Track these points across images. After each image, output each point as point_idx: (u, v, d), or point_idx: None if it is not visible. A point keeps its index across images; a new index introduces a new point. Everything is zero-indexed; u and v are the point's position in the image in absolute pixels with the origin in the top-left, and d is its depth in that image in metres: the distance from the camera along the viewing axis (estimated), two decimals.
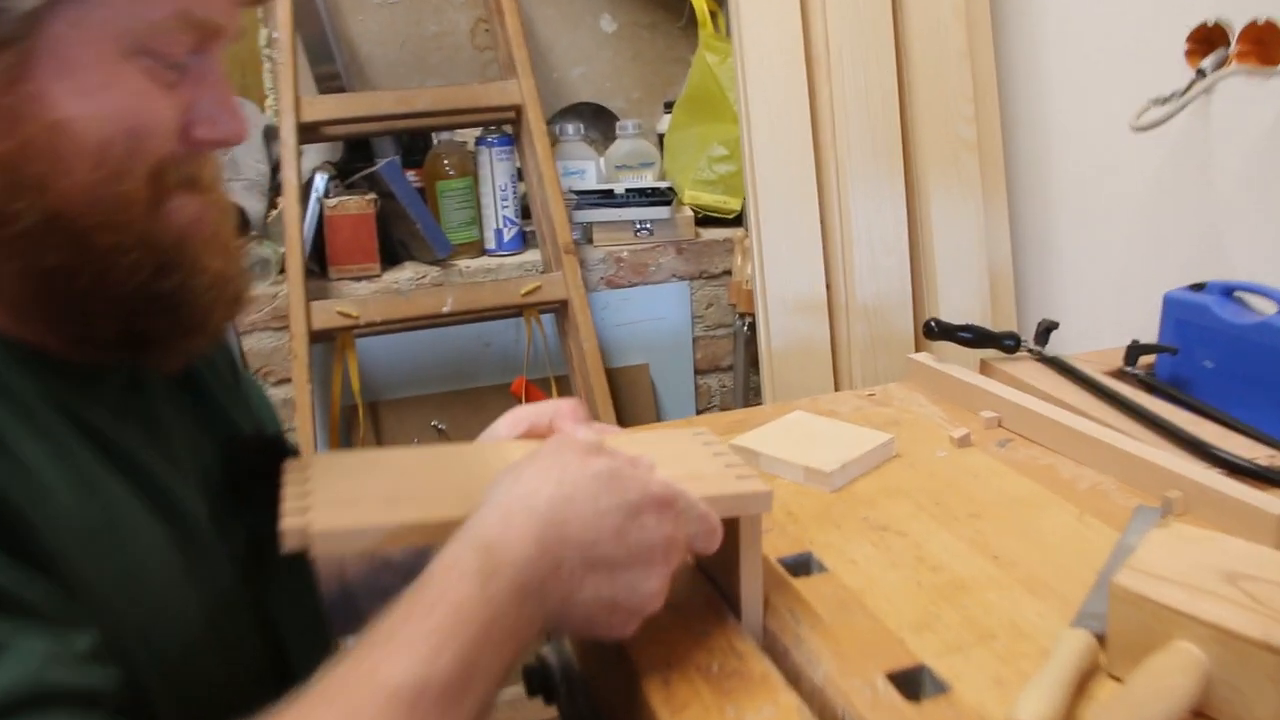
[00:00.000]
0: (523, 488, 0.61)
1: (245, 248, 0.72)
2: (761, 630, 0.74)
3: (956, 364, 1.15)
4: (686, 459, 0.74)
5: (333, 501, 0.65)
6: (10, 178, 0.56)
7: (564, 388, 2.02)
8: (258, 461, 0.74)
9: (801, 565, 0.81)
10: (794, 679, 0.68)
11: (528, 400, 2.02)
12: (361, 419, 1.92)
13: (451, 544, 0.59)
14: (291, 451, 0.78)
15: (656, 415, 2.14)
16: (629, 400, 2.07)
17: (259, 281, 1.96)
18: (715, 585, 0.76)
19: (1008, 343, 1.14)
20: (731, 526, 0.71)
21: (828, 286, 1.62)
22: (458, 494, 0.66)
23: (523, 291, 1.85)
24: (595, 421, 0.80)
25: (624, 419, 2.07)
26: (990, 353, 1.17)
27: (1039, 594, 0.74)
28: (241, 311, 0.67)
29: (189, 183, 0.63)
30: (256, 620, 0.72)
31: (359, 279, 1.93)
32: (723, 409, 2.21)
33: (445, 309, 1.82)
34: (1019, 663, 0.67)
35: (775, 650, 0.72)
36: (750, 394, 1.99)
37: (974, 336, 1.15)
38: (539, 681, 0.91)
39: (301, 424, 1.72)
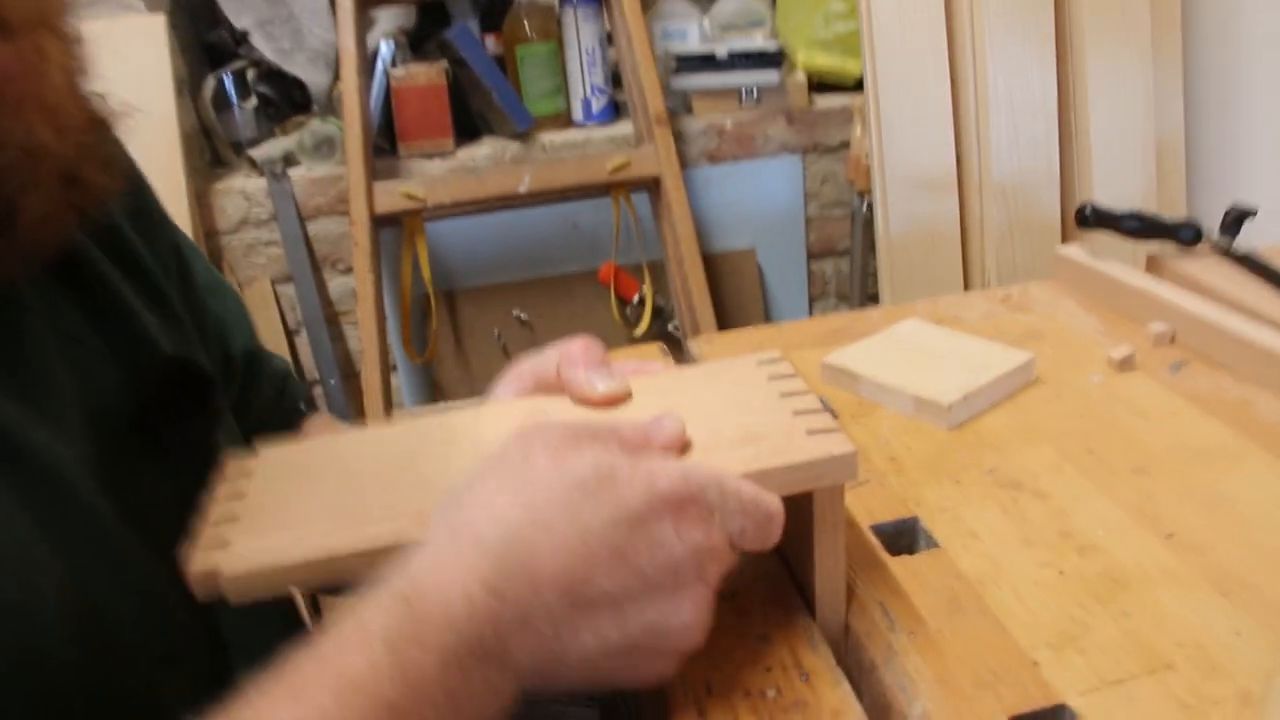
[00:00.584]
0: (470, 510, 0.44)
1: (103, 113, 0.51)
2: (842, 632, 0.55)
3: (1117, 261, 0.92)
4: (740, 408, 0.55)
5: (266, 521, 0.49)
6: None
7: (657, 274, 1.82)
8: (174, 396, 0.58)
9: (904, 537, 0.61)
10: (880, 711, 0.49)
11: (617, 289, 1.83)
12: (434, 309, 1.77)
13: (371, 589, 0.41)
14: (210, 381, 0.62)
15: (763, 304, 1.93)
16: (732, 289, 1.87)
17: (324, 162, 1.80)
18: (784, 563, 0.58)
19: (1185, 234, 0.90)
20: (803, 499, 0.52)
21: (958, 161, 1.38)
22: (421, 500, 0.49)
23: (609, 168, 1.65)
24: (620, 360, 0.61)
25: (726, 309, 1.87)
26: (1161, 247, 0.93)
27: (1235, 597, 0.53)
28: (93, 200, 0.50)
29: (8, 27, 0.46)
30: (179, 600, 0.56)
31: (431, 156, 1.76)
32: (839, 297, 1.99)
33: (522, 189, 1.63)
34: (1209, 713, 0.46)
35: (859, 664, 0.53)
36: (869, 280, 1.77)
37: (1141, 226, 0.91)
38: None
39: (363, 317, 1.57)
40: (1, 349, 0.51)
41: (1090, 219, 0.89)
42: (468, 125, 1.83)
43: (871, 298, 1.80)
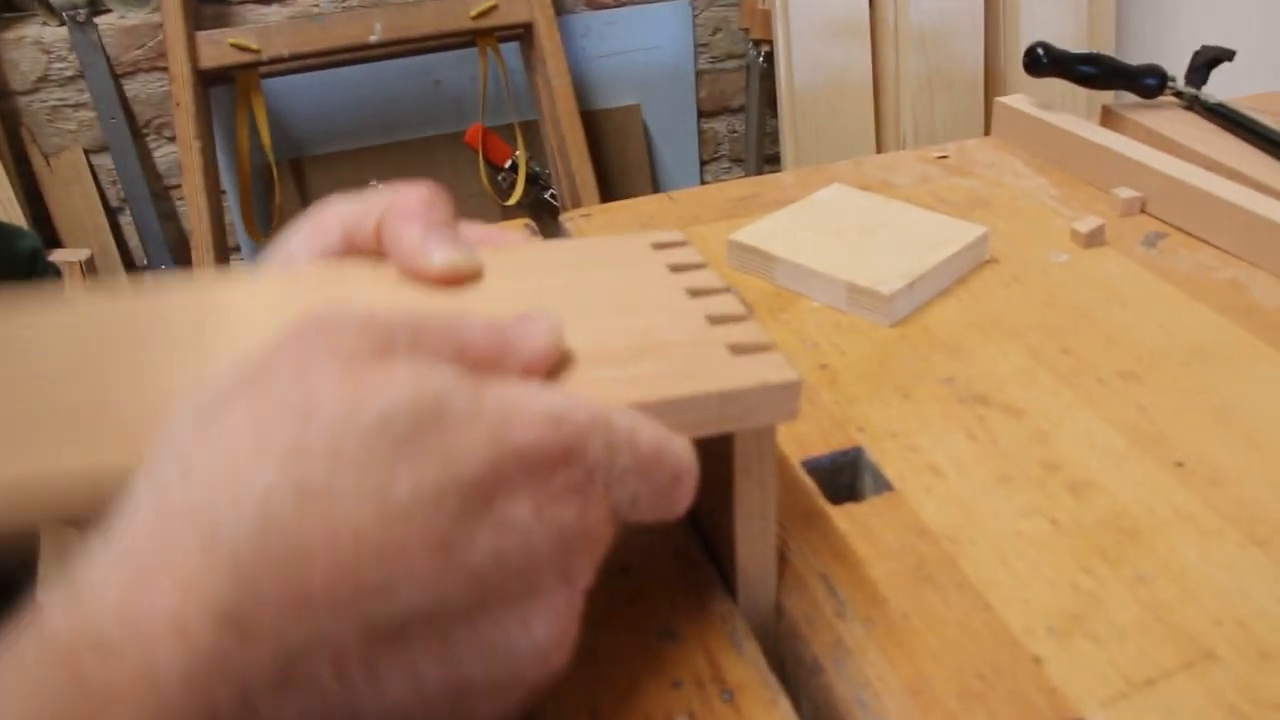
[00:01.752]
0: (199, 470, 0.26)
1: None
2: (773, 615, 0.41)
3: (1067, 113, 0.78)
4: (631, 305, 0.39)
5: None
6: None
7: (532, 136, 1.64)
8: None
9: (845, 474, 0.48)
10: None
11: (486, 153, 1.64)
12: (277, 181, 1.55)
13: (35, 605, 0.24)
14: None
15: (650, 169, 1.76)
16: (615, 150, 1.69)
17: (138, 9, 1.55)
18: (693, 524, 0.43)
19: (1149, 81, 0.77)
20: (719, 441, 0.37)
21: (870, 4, 1.22)
22: (133, 420, 0.32)
23: (474, 13, 1.45)
24: (469, 226, 0.43)
25: (609, 175, 1.70)
26: (1116, 97, 0.79)
27: (1272, 548, 0.41)
28: None
29: None
30: None
31: (267, 2, 1.53)
32: (733, 160, 1.83)
33: (373, 38, 1.42)
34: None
35: (796, 660, 0.39)
36: (767, 141, 1.62)
37: (1099, 71, 0.77)
38: None
39: (192, 191, 1.36)
40: None
41: (1043, 60, 0.75)
42: None
43: (770, 160, 1.65)
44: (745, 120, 1.68)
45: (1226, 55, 0.76)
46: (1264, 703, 0.35)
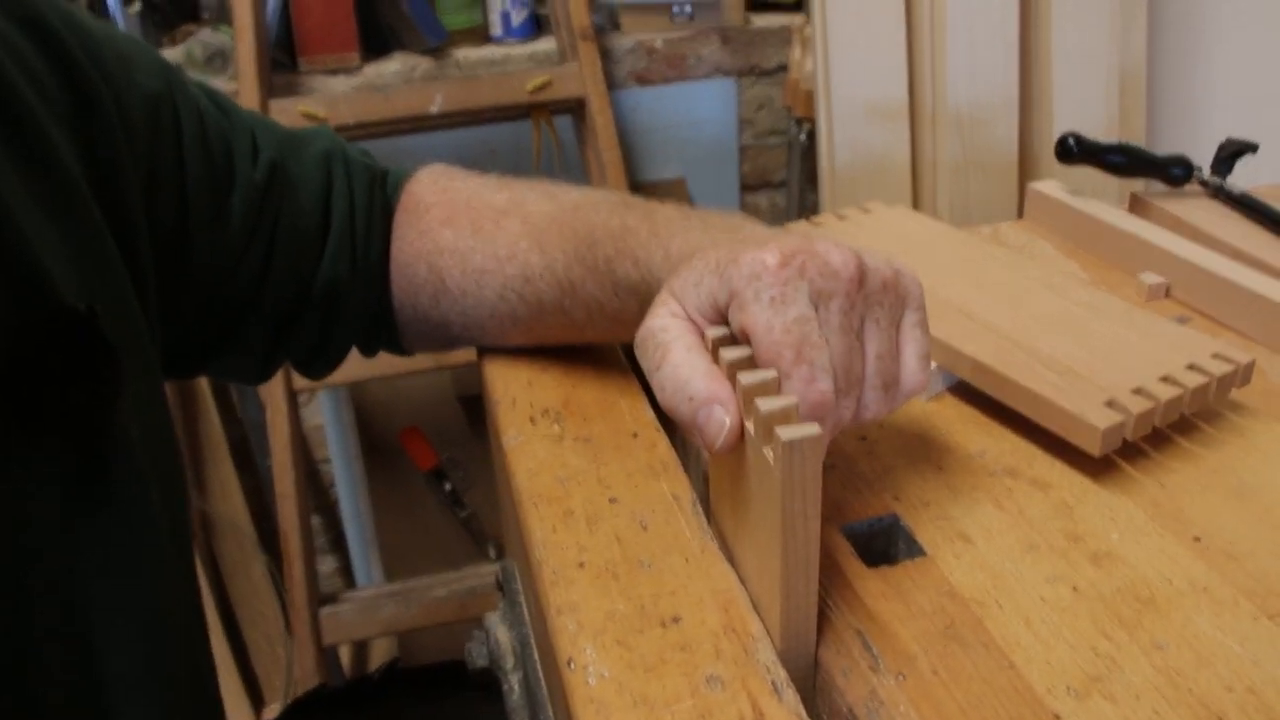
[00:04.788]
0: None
1: None
2: (812, 668, 0.44)
3: (1095, 199, 0.81)
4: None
5: None
6: None
7: None
8: (62, 356, 0.45)
9: (881, 540, 0.51)
10: None
11: None
12: None
13: None
14: (106, 344, 0.49)
15: None
16: None
17: (216, 76, 1.63)
18: (744, 585, 0.47)
19: (1176, 171, 0.80)
20: (770, 515, 0.41)
21: (910, 88, 1.26)
22: None
23: (529, 88, 1.51)
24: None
25: None
26: (1145, 185, 0.83)
27: None
28: None
29: None
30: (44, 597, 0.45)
31: (335, 73, 1.60)
32: None
33: (434, 109, 1.48)
34: None
35: (831, 710, 0.43)
36: (807, 215, 1.66)
37: (1127, 160, 0.81)
38: (483, 663, 0.64)
39: None
40: None
41: (1075, 151, 0.79)
42: (375, 39, 1.67)
43: None
44: (786, 195, 1.73)
45: (1250, 148, 0.79)
46: None
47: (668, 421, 0.57)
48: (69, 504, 0.47)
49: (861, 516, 0.51)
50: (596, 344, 0.65)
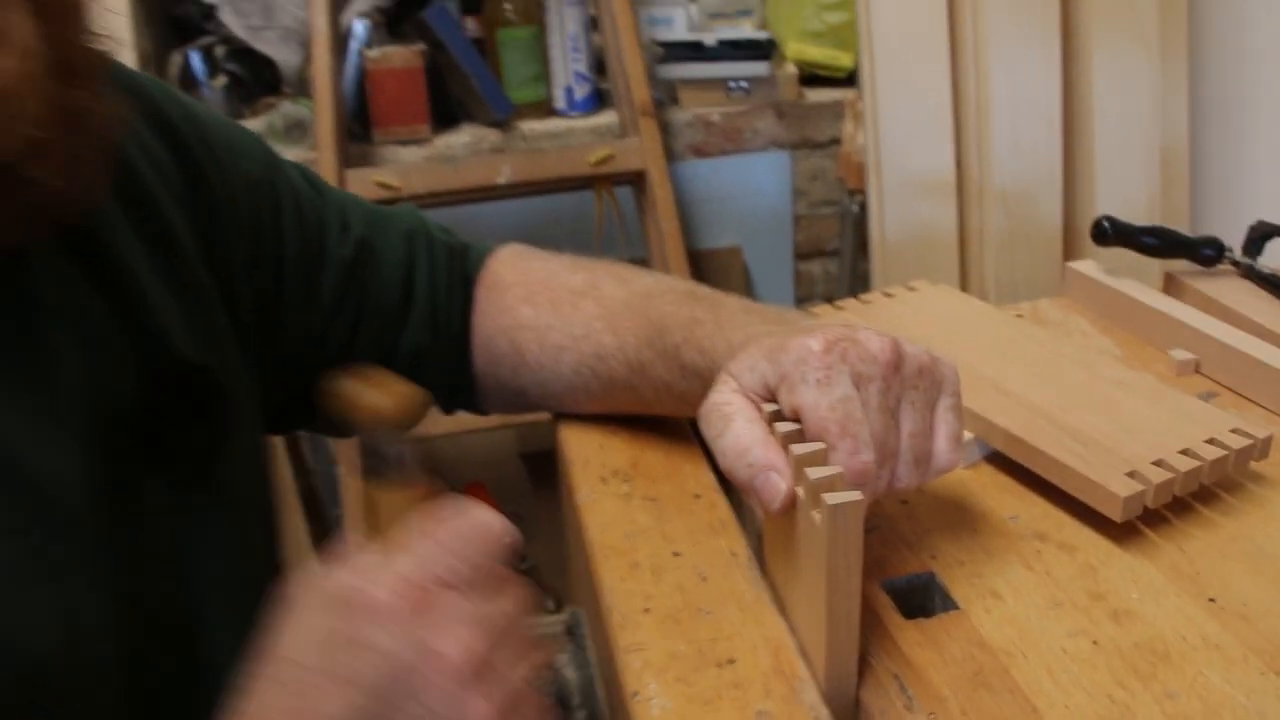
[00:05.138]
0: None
1: (79, 103, 0.43)
2: (853, 709, 0.49)
3: (1131, 278, 0.86)
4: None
5: None
6: None
7: None
8: (182, 402, 0.53)
9: (918, 595, 0.56)
10: None
11: None
12: None
13: None
14: (221, 391, 0.56)
15: None
16: (717, 288, 1.81)
17: (295, 146, 1.73)
18: (789, 622, 0.52)
19: (1207, 252, 0.85)
20: (815, 573, 0.46)
21: (957, 164, 1.32)
22: None
23: (592, 160, 1.59)
24: None
25: None
26: (1179, 265, 0.87)
27: None
28: (52, 202, 0.43)
29: None
30: (166, 629, 0.52)
31: (407, 143, 1.69)
32: (826, 300, 1.93)
33: (501, 180, 1.56)
34: None
35: None
36: (858, 284, 1.72)
37: (1160, 243, 0.85)
38: (551, 698, 0.69)
39: None
40: (12, 339, 0.46)
41: (1109, 234, 0.84)
42: (445, 111, 1.76)
43: None
44: (839, 263, 1.79)
45: (1275, 231, 0.84)
46: None
47: (726, 484, 0.63)
48: (181, 529, 0.54)
49: (901, 573, 0.56)
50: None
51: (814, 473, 0.45)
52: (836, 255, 1.82)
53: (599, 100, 1.78)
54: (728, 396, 0.50)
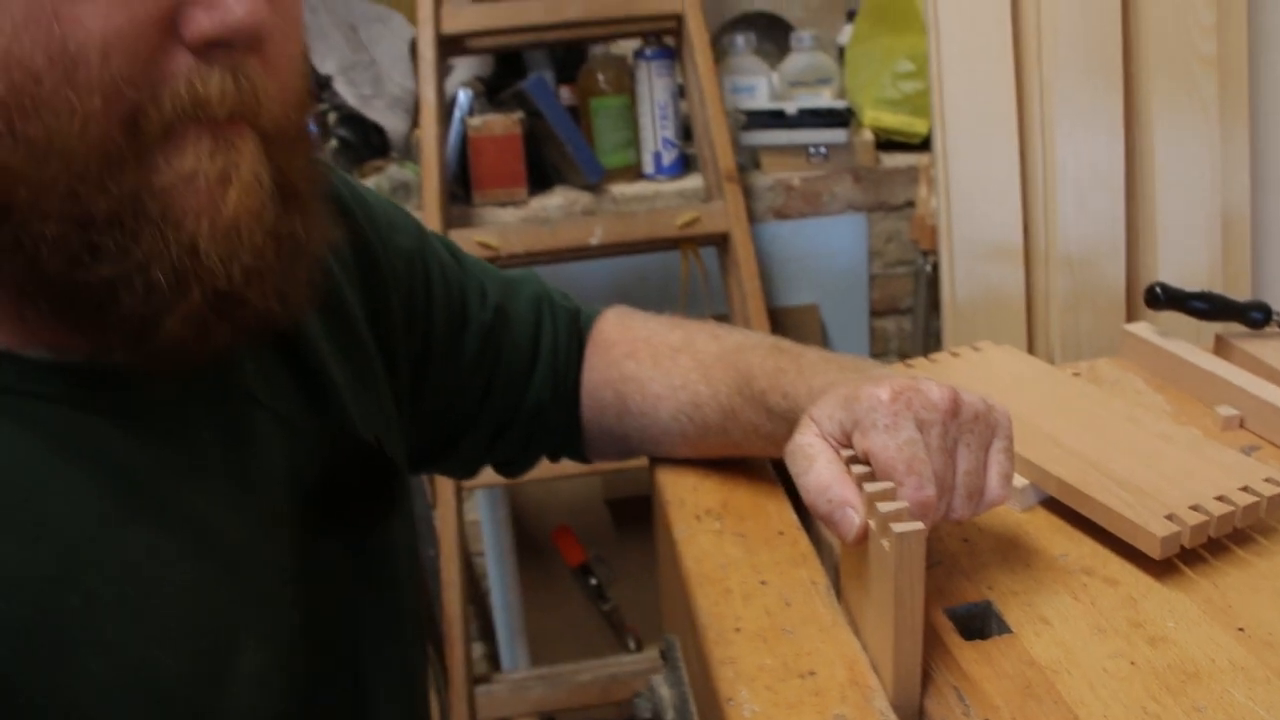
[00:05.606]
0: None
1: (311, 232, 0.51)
2: (917, 716, 0.57)
3: (1184, 340, 0.93)
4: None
5: None
6: None
7: None
8: (363, 480, 0.62)
9: (976, 620, 0.63)
10: None
11: None
12: None
13: None
14: (395, 469, 0.66)
15: None
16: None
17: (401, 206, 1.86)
18: (863, 641, 0.60)
19: (1255, 315, 0.92)
20: (885, 595, 0.54)
21: (1025, 230, 1.40)
22: None
23: (679, 223, 1.69)
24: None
25: None
26: (1228, 327, 0.94)
27: None
28: (258, 323, 0.49)
29: (213, 117, 0.45)
30: (341, 685, 0.61)
31: (504, 205, 1.81)
32: (900, 356, 2.00)
33: (593, 241, 1.67)
34: None
35: None
36: (931, 340, 1.79)
37: (1210, 307, 0.92)
38: (648, 714, 0.77)
39: None
40: (226, 429, 0.54)
41: (1161, 299, 0.91)
42: (540, 175, 1.87)
43: None
44: (913, 320, 1.86)
45: None
46: None
47: (805, 522, 0.71)
48: (351, 598, 0.62)
49: (962, 601, 0.64)
50: (749, 457, 0.79)
51: (884, 507, 0.53)
52: (910, 313, 1.89)
53: (685, 165, 1.88)
54: (810, 439, 0.59)
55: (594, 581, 1.80)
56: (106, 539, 0.48)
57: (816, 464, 0.57)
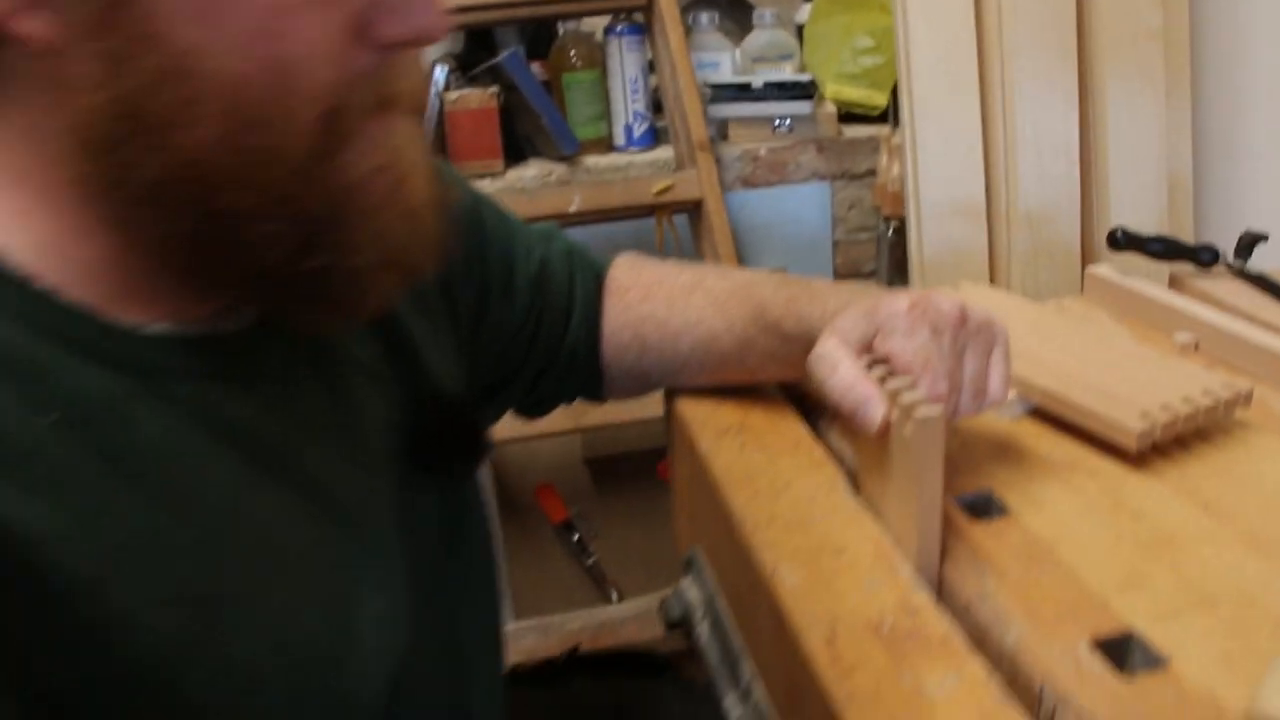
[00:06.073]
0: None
1: (441, 193, 0.55)
2: (938, 581, 0.66)
3: (1141, 277, 1.03)
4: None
5: None
6: (127, 127, 0.42)
7: None
8: (448, 434, 0.66)
9: (980, 506, 0.72)
10: (978, 641, 0.59)
11: None
12: None
13: None
14: (477, 423, 0.70)
15: None
16: None
17: None
18: (882, 525, 0.68)
19: (1204, 256, 1.02)
20: (903, 445, 0.62)
21: (987, 190, 1.49)
22: None
23: (655, 190, 1.76)
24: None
25: None
26: (1181, 267, 1.04)
27: (1266, 553, 0.64)
28: (412, 278, 0.54)
29: (382, 106, 0.48)
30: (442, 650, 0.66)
31: (481, 176, 1.86)
32: None
33: (572, 208, 1.74)
34: (1249, 636, 0.57)
35: (954, 606, 0.64)
36: None
37: (1165, 248, 1.02)
38: (678, 615, 0.85)
39: None
40: (338, 398, 0.59)
41: (1122, 242, 1.01)
42: (514, 148, 1.93)
43: None
44: (875, 282, 1.96)
45: (1262, 237, 1.00)
46: (1245, 628, 0.58)
47: (816, 436, 0.79)
48: (442, 543, 0.67)
49: (968, 490, 0.72)
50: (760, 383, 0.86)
51: (905, 396, 0.62)
52: (873, 275, 1.99)
53: (655, 137, 1.96)
54: (833, 344, 0.66)
55: (576, 537, 1.87)
56: (246, 503, 0.50)
57: (841, 367, 0.65)
